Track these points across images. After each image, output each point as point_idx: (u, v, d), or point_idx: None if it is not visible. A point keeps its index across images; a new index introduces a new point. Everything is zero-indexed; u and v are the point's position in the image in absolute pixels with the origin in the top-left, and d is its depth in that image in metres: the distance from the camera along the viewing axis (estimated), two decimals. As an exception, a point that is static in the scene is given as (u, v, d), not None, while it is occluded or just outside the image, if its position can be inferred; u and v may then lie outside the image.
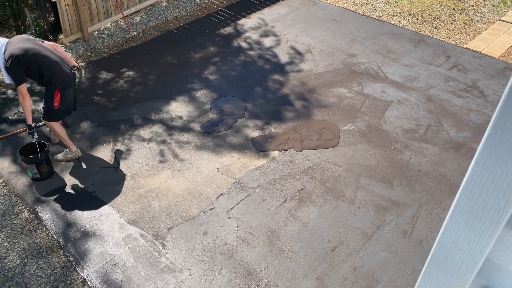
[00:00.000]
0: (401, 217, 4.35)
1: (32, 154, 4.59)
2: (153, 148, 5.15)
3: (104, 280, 3.78)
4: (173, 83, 6.26)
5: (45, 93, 4.57)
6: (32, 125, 4.50)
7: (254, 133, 5.36)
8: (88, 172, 4.83)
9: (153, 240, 4.11)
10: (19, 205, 4.46)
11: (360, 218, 4.33)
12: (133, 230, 4.20)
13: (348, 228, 4.23)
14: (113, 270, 3.85)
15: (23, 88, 4.28)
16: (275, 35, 7.38)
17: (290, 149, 5.12)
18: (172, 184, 4.69)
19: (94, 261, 3.93)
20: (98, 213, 4.36)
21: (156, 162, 4.96)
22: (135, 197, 4.54)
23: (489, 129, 0.92)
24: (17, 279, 3.80)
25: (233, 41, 7.26)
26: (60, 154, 4.95)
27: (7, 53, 4.22)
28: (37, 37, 7.47)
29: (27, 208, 4.43)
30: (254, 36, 7.36)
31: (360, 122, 5.52)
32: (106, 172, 4.83)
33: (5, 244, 4.08)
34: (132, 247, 4.05)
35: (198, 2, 8.54)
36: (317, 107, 5.77)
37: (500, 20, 7.89)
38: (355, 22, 7.82)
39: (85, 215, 4.35)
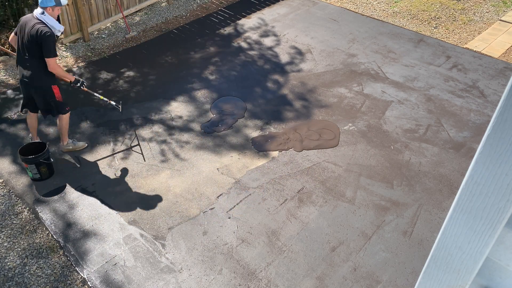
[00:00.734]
0: (401, 217, 4.35)
1: (32, 154, 4.60)
2: (153, 148, 5.15)
3: (104, 280, 3.78)
4: (173, 83, 6.26)
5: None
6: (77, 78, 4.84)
7: (254, 133, 5.36)
8: (88, 172, 4.83)
9: (153, 240, 4.11)
10: (19, 205, 4.46)
11: (360, 218, 4.33)
12: (133, 230, 4.20)
13: (348, 228, 4.23)
14: (113, 270, 3.85)
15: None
16: (275, 35, 7.38)
17: (290, 149, 5.12)
18: (172, 184, 4.69)
19: (94, 261, 3.93)
20: (98, 213, 4.36)
21: (156, 162, 4.97)
22: (135, 197, 4.54)
23: (489, 129, 0.92)
24: (17, 279, 3.80)
25: (233, 41, 7.26)
26: (67, 145, 5.05)
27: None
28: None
29: (27, 208, 4.43)
30: (254, 36, 7.36)
31: (360, 122, 5.52)
32: (106, 172, 4.83)
33: (5, 244, 4.08)
34: (132, 247, 4.05)
35: (198, 2, 8.54)
36: (317, 107, 5.77)
37: (500, 20, 7.89)
38: (355, 22, 7.82)
39: (85, 215, 4.35)
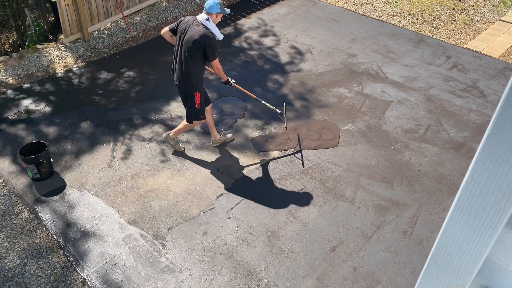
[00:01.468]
0: (401, 217, 4.34)
1: (32, 154, 4.60)
2: (153, 148, 5.15)
3: (104, 280, 3.78)
4: (173, 83, 6.25)
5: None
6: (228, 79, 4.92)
7: (254, 133, 5.36)
8: (88, 172, 4.83)
9: (153, 240, 4.11)
10: (19, 205, 4.46)
11: (360, 218, 4.33)
12: (133, 230, 4.20)
13: (348, 228, 4.23)
14: (113, 270, 3.85)
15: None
16: (275, 35, 7.38)
17: (290, 149, 5.12)
18: (172, 184, 4.69)
19: (94, 261, 3.93)
20: (98, 213, 4.36)
21: (156, 162, 4.96)
22: (135, 197, 4.54)
23: (489, 129, 0.92)
24: (17, 279, 3.80)
25: (233, 41, 7.26)
26: (218, 138, 5.14)
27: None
28: (38, 38, 7.50)
29: (27, 208, 4.43)
30: (254, 36, 7.36)
31: (360, 122, 5.52)
32: (106, 172, 4.83)
33: (5, 244, 4.08)
34: (132, 247, 4.04)
35: (198, 2, 8.54)
36: (317, 107, 5.77)
37: (500, 20, 7.89)
38: (355, 22, 7.82)
39: (85, 215, 4.35)
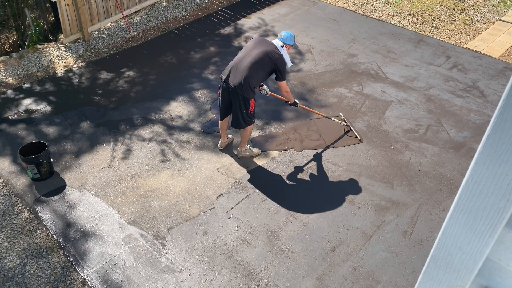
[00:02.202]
0: (401, 217, 4.34)
1: (32, 154, 4.60)
2: (153, 148, 5.15)
3: (104, 280, 3.78)
4: (173, 83, 6.26)
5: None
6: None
7: (254, 133, 5.36)
8: (88, 172, 4.83)
9: (153, 240, 4.11)
10: (19, 205, 4.46)
11: (360, 218, 4.33)
12: (133, 230, 4.20)
13: (348, 228, 4.23)
14: (113, 270, 3.85)
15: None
16: (275, 35, 7.37)
17: (290, 149, 5.12)
18: (172, 184, 4.69)
19: (94, 261, 3.93)
20: (98, 213, 4.36)
21: (156, 162, 4.96)
22: (135, 197, 4.54)
23: (489, 129, 0.92)
24: (17, 279, 3.80)
25: (233, 41, 7.26)
26: (245, 151, 5.03)
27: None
28: (38, 38, 7.50)
29: (27, 208, 4.43)
30: (254, 36, 7.36)
31: (360, 122, 5.52)
32: (106, 172, 4.83)
33: (5, 244, 4.08)
34: (132, 247, 4.04)
35: (198, 2, 8.53)
36: (317, 107, 5.77)
37: (500, 20, 7.89)
38: (355, 22, 7.82)
39: (85, 215, 4.35)
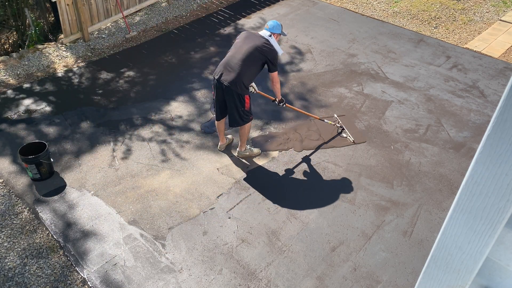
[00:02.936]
0: (401, 217, 4.34)
1: (32, 154, 4.60)
2: (153, 148, 5.15)
3: (104, 280, 3.78)
4: (173, 83, 6.26)
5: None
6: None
7: (254, 133, 5.36)
8: (88, 172, 4.83)
9: (153, 240, 4.11)
10: (19, 205, 4.46)
11: (360, 218, 4.33)
12: (133, 230, 4.20)
13: (348, 228, 4.23)
14: (113, 270, 3.85)
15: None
16: (275, 35, 7.38)
17: (290, 149, 5.12)
18: (172, 184, 4.69)
19: (94, 261, 3.93)
20: (98, 213, 4.36)
21: (156, 162, 4.96)
22: (135, 197, 4.54)
23: (489, 129, 0.92)
24: (17, 279, 3.80)
25: (233, 41, 7.25)
26: (245, 151, 4.98)
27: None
28: (38, 38, 7.50)
29: (27, 208, 4.43)
30: (254, 36, 7.35)
31: (360, 122, 5.52)
32: (106, 172, 4.83)
33: (5, 244, 4.08)
34: (132, 247, 4.04)
35: (198, 2, 8.53)
36: (317, 107, 5.77)
37: (500, 20, 7.89)
38: (355, 22, 7.82)
39: (85, 215, 4.35)
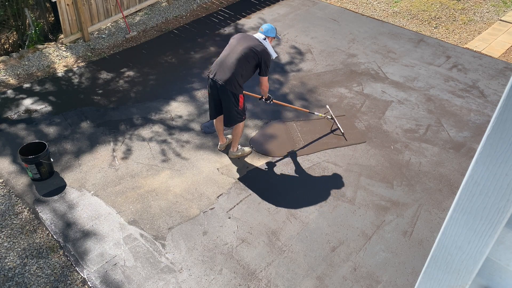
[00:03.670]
0: (401, 217, 4.34)
1: (32, 154, 4.60)
2: (153, 148, 5.15)
3: (104, 280, 3.78)
4: (173, 83, 6.26)
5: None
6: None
7: (254, 133, 5.36)
8: (88, 172, 4.83)
9: (153, 240, 4.11)
10: (19, 205, 4.46)
11: (360, 218, 4.33)
12: (133, 230, 4.20)
13: (348, 228, 4.23)
14: (113, 270, 3.85)
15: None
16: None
17: (290, 149, 5.12)
18: (172, 184, 4.69)
19: (94, 261, 3.93)
20: (98, 213, 4.36)
21: (156, 162, 4.96)
22: (135, 197, 4.54)
23: (489, 129, 0.92)
24: (17, 279, 3.80)
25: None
26: (237, 151, 4.98)
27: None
28: (38, 38, 7.50)
29: (27, 208, 4.43)
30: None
31: (360, 122, 5.52)
32: (106, 172, 4.83)
33: (5, 244, 4.08)
34: (132, 247, 4.04)
35: (198, 2, 8.54)
36: (317, 107, 5.77)
37: (500, 20, 7.89)
38: (355, 22, 7.82)
39: (85, 215, 4.35)
